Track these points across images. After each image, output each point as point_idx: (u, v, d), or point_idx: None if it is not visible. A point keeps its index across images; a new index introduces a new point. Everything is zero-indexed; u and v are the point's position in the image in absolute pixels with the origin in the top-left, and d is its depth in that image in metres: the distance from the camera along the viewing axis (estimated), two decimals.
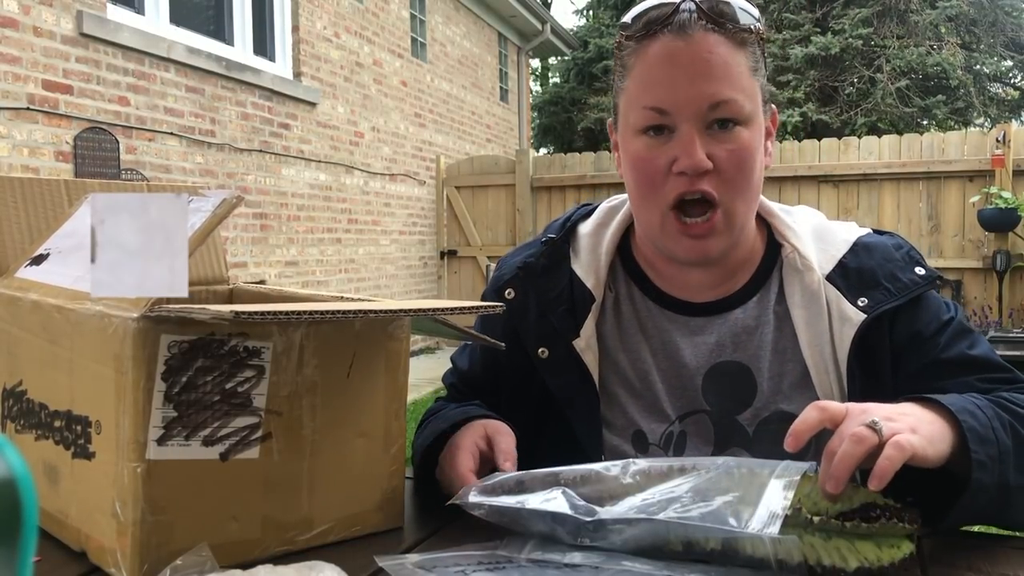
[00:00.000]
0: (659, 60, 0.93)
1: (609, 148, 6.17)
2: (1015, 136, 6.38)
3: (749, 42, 0.95)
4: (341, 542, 0.82)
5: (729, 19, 0.93)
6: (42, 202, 0.99)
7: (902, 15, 11.60)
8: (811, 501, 0.73)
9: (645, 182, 0.97)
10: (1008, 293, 6.35)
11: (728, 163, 0.93)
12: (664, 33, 0.93)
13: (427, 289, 8.20)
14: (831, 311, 0.98)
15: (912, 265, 1.00)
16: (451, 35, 8.82)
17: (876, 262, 1.00)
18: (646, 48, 0.95)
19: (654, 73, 0.94)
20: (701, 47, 0.92)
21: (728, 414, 1.01)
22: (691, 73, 0.92)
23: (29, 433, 0.84)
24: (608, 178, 7.56)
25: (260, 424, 0.76)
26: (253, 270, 5.60)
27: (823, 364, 0.98)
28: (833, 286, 0.99)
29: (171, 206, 0.66)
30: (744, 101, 0.93)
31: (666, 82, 0.93)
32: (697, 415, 1.02)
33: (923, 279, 0.98)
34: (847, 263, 1.00)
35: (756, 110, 0.95)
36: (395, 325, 0.86)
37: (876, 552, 0.71)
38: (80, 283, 0.79)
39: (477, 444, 0.93)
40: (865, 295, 0.97)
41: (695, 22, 0.92)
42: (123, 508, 0.71)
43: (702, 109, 0.92)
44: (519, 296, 1.06)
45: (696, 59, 0.92)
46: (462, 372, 1.15)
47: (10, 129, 3.92)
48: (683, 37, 0.92)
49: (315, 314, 0.69)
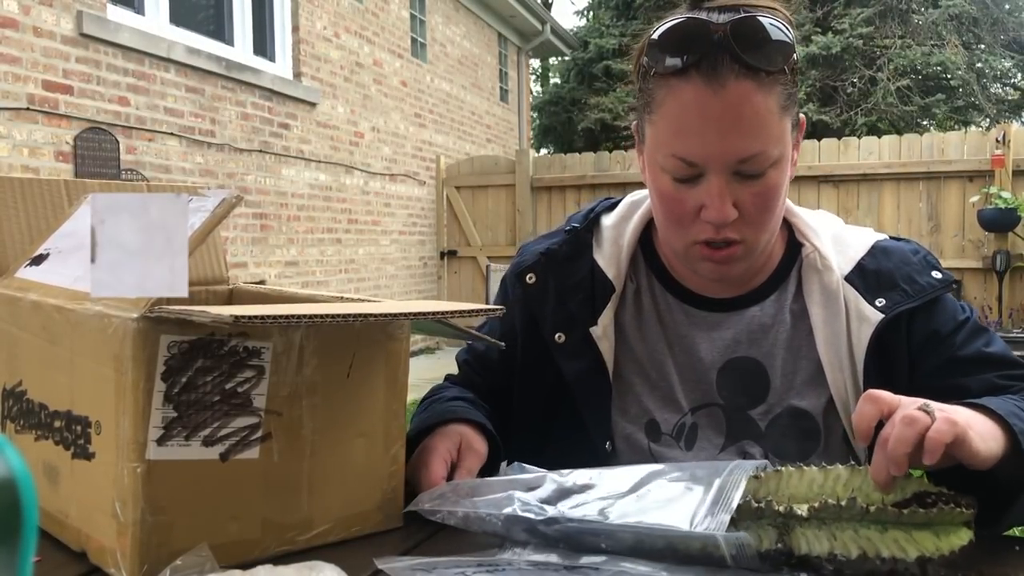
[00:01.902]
0: (690, 110, 0.90)
1: (609, 148, 6.17)
2: (1015, 136, 6.38)
3: (782, 79, 0.91)
4: (341, 542, 0.82)
5: (764, 56, 0.88)
6: (42, 202, 0.99)
7: (904, 15, 11.60)
8: (864, 493, 0.72)
9: (672, 219, 0.97)
10: (1008, 293, 6.35)
11: (753, 207, 0.93)
12: (696, 76, 0.88)
13: (427, 289, 8.20)
14: (849, 311, 1.00)
15: (929, 269, 1.02)
16: (451, 35, 8.81)
17: (894, 264, 1.02)
18: (677, 89, 0.90)
19: (684, 122, 0.91)
20: (733, 99, 0.88)
21: (741, 408, 1.03)
22: (722, 128, 0.89)
23: (29, 433, 0.84)
24: (608, 178, 7.56)
25: (260, 424, 0.76)
26: (253, 270, 5.60)
27: (838, 362, 1.00)
28: (851, 286, 1.01)
29: (171, 206, 0.66)
30: (773, 148, 0.91)
31: (696, 135, 0.90)
32: (710, 408, 1.04)
33: (940, 282, 1.00)
34: (865, 264, 1.02)
35: (785, 148, 0.94)
36: (395, 326, 0.86)
37: (935, 541, 0.69)
38: (80, 283, 0.79)
39: (450, 452, 0.96)
40: (883, 296, 0.99)
41: (728, 64, 0.87)
42: (123, 508, 0.71)
43: (731, 162, 0.90)
44: (539, 282, 1.08)
45: (727, 113, 0.88)
46: (477, 352, 1.16)
47: (10, 129, 3.92)
48: (714, 86, 0.87)
49: (314, 318, 0.69)
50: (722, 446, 1.03)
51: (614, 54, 13.37)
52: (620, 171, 7.57)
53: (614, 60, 13.26)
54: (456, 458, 0.96)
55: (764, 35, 0.89)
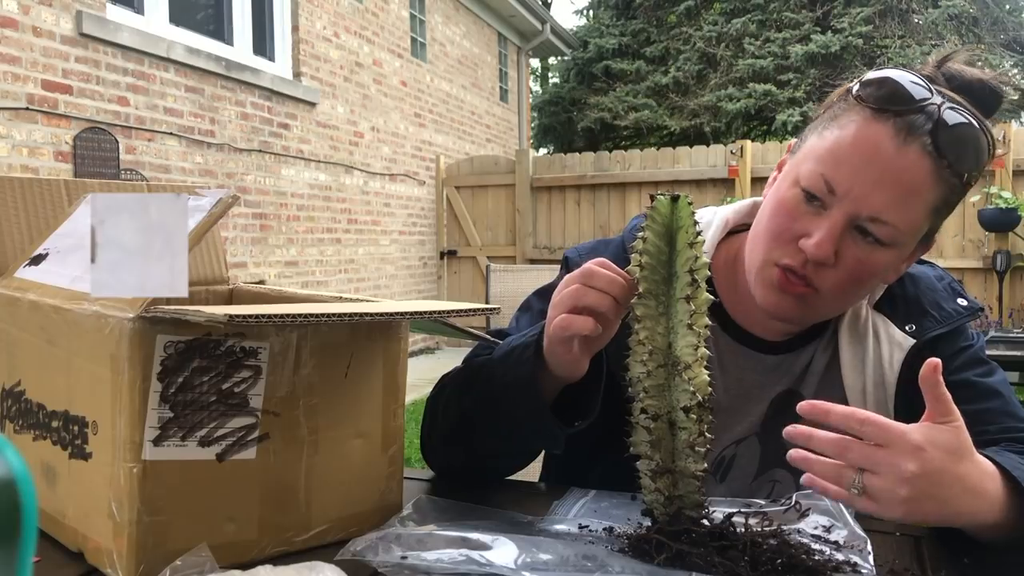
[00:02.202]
0: (865, 144, 0.89)
1: (609, 148, 6.17)
2: (1015, 136, 6.38)
3: (954, 184, 0.90)
4: (339, 543, 0.82)
5: (958, 155, 0.88)
6: (42, 202, 0.99)
7: (903, 15, 11.60)
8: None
9: (773, 231, 0.95)
10: (1008, 293, 6.35)
11: (848, 269, 0.91)
12: (892, 122, 0.88)
13: (427, 289, 8.20)
14: (879, 337, 1.01)
15: (954, 296, 1.04)
16: (451, 35, 8.81)
17: (921, 291, 1.03)
18: (867, 121, 0.89)
19: (852, 150, 0.89)
20: (906, 163, 0.87)
21: (777, 439, 1.03)
22: (877, 178, 0.88)
23: (27, 433, 0.84)
24: (608, 178, 7.56)
25: (257, 424, 0.76)
26: (253, 270, 5.60)
27: (860, 386, 1.01)
28: (881, 313, 1.02)
29: (170, 206, 0.66)
30: (902, 232, 0.90)
31: (854, 167, 0.89)
32: (749, 439, 1.05)
33: (966, 310, 1.02)
34: (894, 291, 1.03)
35: (909, 242, 0.93)
36: (393, 325, 0.86)
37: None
38: (78, 283, 0.79)
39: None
40: (913, 321, 1.01)
41: (924, 134, 0.87)
42: (119, 509, 0.71)
43: (862, 213, 0.89)
44: None
45: (893, 168, 0.87)
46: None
47: (10, 129, 3.92)
48: (900, 139, 0.87)
49: (309, 317, 0.69)
50: (754, 475, 1.04)
51: (614, 53, 13.37)
52: (620, 171, 7.57)
53: (614, 60, 13.26)
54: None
55: (973, 146, 0.89)
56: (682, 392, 0.76)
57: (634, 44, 13.41)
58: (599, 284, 0.81)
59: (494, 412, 0.94)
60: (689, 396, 0.76)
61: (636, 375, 0.79)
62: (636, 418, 0.79)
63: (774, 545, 0.74)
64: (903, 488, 0.71)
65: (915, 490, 0.71)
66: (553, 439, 0.92)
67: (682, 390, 0.76)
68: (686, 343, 0.77)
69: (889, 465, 0.71)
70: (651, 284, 0.78)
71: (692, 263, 0.76)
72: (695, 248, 0.77)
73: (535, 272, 3.68)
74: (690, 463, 0.77)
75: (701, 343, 0.77)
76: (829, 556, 0.74)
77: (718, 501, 0.86)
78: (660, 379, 0.78)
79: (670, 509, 0.78)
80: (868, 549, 0.76)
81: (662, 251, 0.78)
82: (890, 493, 0.71)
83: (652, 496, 0.80)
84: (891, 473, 0.71)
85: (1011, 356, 3.75)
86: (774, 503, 0.86)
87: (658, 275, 0.78)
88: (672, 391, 0.77)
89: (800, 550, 0.74)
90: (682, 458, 0.77)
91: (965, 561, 0.79)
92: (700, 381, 0.76)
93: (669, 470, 0.78)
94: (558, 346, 0.85)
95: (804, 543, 0.76)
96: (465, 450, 1.00)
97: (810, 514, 0.83)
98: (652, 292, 0.78)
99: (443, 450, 1.04)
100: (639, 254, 0.79)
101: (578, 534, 0.81)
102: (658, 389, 0.78)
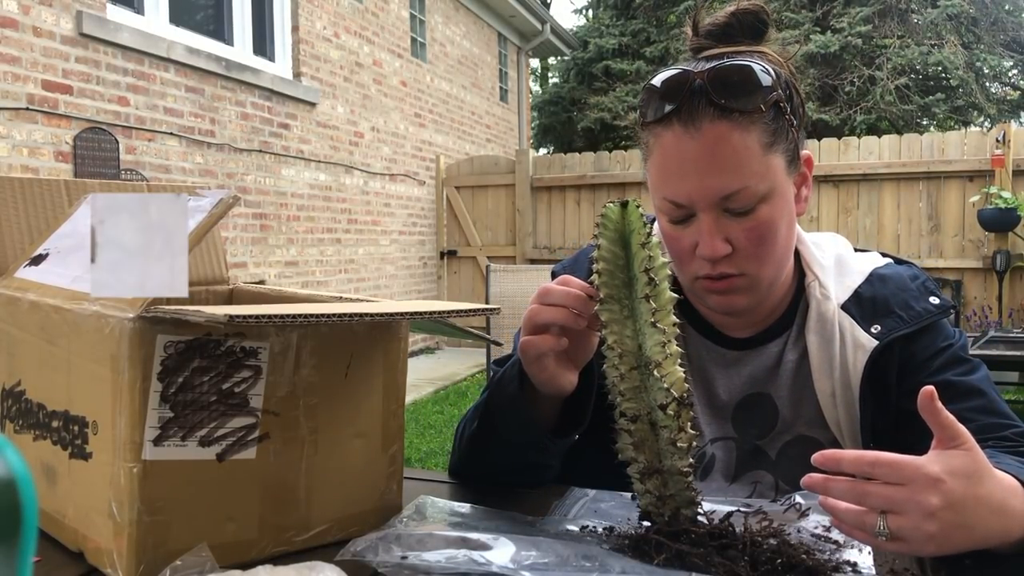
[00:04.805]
0: (671, 154, 0.94)
1: (609, 148, 6.19)
2: (1015, 136, 6.38)
3: (762, 118, 0.92)
4: (339, 543, 0.82)
5: (738, 98, 0.91)
6: (42, 202, 0.99)
7: (903, 14, 11.60)
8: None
9: (674, 256, 1.00)
10: (1008, 293, 6.35)
11: (747, 241, 0.95)
12: (676, 122, 0.92)
13: (427, 289, 8.20)
14: (845, 339, 1.02)
15: (926, 295, 1.03)
16: (451, 35, 8.81)
17: (890, 291, 1.03)
18: (661, 137, 0.95)
19: (668, 166, 0.95)
20: (708, 141, 0.91)
21: (751, 440, 1.06)
22: (700, 168, 0.92)
23: (28, 433, 0.84)
24: (608, 178, 7.56)
25: (257, 424, 0.76)
26: (253, 270, 5.60)
27: (830, 389, 1.02)
28: (848, 315, 1.03)
29: (171, 207, 0.66)
30: (757, 184, 0.93)
31: (678, 176, 0.94)
32: (725, 441, 1.06)
33: (936, 307, 1.02)
34: (862, 292, 1.04)
35: (775, 184, 0.95)
36: (393, 325, 0.86)
37: None
38: (78, 283, 0.79)
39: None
40: (879, 322, 1.01)
41: (703, 108, 0.91)
42: (119, 509, 0.71)
43: (715, 200, 0.93)
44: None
45: (703, 154, 0.91)
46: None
47: (10, 129, 3.92)
48: (691, 130, 0.91)
49: (309, 317, 0.69)
50: (733, 478, 1.05)
51: (614, 53, 13.36)
52: (620, 171, 7.57)
53: (614, 60, 13.25)
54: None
55: (739, 78, 0.92)
56: (658, 391, 0.77)
57: (634, 44, 13.41)
58: (553, 300, 0.85)
59: (493, 433, 1.00)
60: (664, 394, 0.77)
61: (611, 379, 0.80)
62: (618, 423, 0.80)
63: (774, 545, 0.74)
64: (930, 524, 0.69)
65: (942, 523, 0.69)
66: (544, 450, 0.97)
67: (657, 389, 0.77)
68: (654, 342, 0.77)
69: (911, 503, 0.69)
70: (612, 289, 0.80)
71: (647, 263, 0.78)
72: (648, 248, 0.78)
73: (535, 272, 3.68)
74: (676, 460, 0.78)
75: (671, 340, 0.78)
76: (829, 556, 0.74)
77: (717, 501, 0.86)
78: (635, 381, 0.79)
79: (665, 509, 0.79)
80: (868, 549, 0.76)
81: (618, 256, 0.80)
82: (918, 531, 0.70)
83: (645, 499, 0.80)
84: (915, 511, 0.69)
85: (1011, 356, 3.75)
86: (774, 503, 0.86)
87: (617, 279, 0.80)
88: (648, 391, 0.78)
89: (800, 550, 0.74)
90: (668, 456, 0.78)
91: (966, 562, 0.79)
92: (674, 378, 0.77)
93: (657, 470, 0.78)
94: (531, 367, 0.89)
95: (804, 543, 0.76)
96: (483, 469, 1.05)
97: (810, 514, 0.83)
98: (614, 296, 0.80)
99: (467, 471, 1.09)
100: (596, 261, 0.81)
101: (578, 534, 0.81)
102: (634, 391, 0.79)
